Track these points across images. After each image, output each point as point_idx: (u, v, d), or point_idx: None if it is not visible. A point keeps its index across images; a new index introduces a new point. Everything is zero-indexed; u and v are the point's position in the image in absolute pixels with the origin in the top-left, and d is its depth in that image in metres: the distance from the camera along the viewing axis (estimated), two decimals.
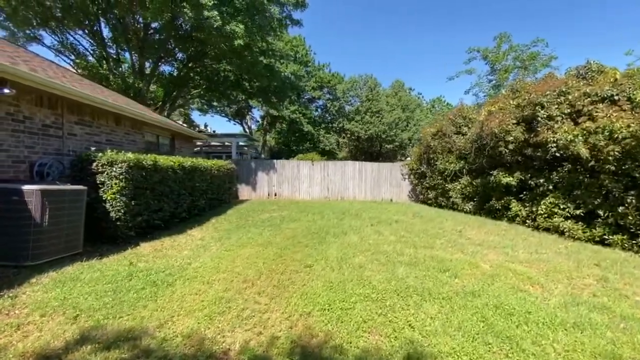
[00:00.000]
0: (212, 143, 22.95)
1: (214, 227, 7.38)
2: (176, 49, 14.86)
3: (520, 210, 8.41)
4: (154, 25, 13.74)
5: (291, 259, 4.92)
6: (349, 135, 35.10)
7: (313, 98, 34.64)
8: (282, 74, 23.77)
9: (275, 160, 15.20)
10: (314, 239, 6.29)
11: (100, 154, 5.32)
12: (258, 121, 38.67)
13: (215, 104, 29.56)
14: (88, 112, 6.53)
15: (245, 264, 4.62)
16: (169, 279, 3.89)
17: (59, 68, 8.35)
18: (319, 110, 36.21)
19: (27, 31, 13.14)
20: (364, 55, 71.63)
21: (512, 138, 8.26)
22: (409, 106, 35.45)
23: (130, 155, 5.58)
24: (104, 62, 14.61)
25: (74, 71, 14.01)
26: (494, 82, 20.48)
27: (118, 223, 5.38)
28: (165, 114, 16.32)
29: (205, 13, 10.40)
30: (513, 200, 8.75)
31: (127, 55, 15.03)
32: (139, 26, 14.21)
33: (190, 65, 16.77)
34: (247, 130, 37.16)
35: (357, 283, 3.91)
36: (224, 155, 21.60)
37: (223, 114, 34.47)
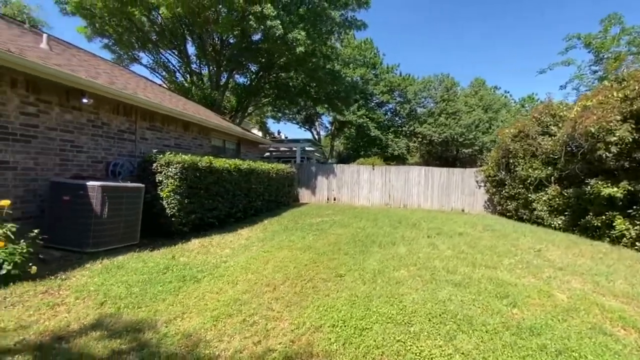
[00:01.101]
0: (281, 148, 24.10)
1: (263, 228, 7.55)
2: (247, 60, 15.97)
3: (627, 229, 6.62)
4: (230, 40, 15.07)
5: (325, 266, 4.66)
6: (420, 139, 33.21)
7: (382, 102, 33.72)
8: (347, 78, 23.76)
9: (334, 165, 15.11)
10: (357, 247, 5.90)
11: (160, 156, 5.88)
12: (327, 127, 39.33)
13: (286, 111, 31.14)
14: (159, 119, 7.35)
15: (275, 267, 4.53)
16: (198, 276, 4.00)
17: (147, 83, 9.69)
18: (388, 113, 35.10)
19: (130, 53, 15.65)
20: (438, 53, 67.19)
21: (615, 139, 6.58)
22: (493, 106, 31.90)
23: (185, 157, 6.05)
24: (188, 76, 16.59)
25: (165, 86, 16.21)
26: (599, 73, 16.97)
27: (173, 219, 5.85)
28: (237, 121, 17.67)
29: (269, 23, 10.92)
30: (618, 216, 6.94)
31: (205, 69, 16.71)
32: (216, 42, 15.75)
33: (260, 75, 17.93)
34: (317, 136, 38.04)
35: (386, 300, 3.44)
36: (292, 160, 22.45)
37: (294, 121, 36.02)
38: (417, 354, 2.46)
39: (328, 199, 14.91)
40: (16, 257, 3.30)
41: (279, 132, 42.98)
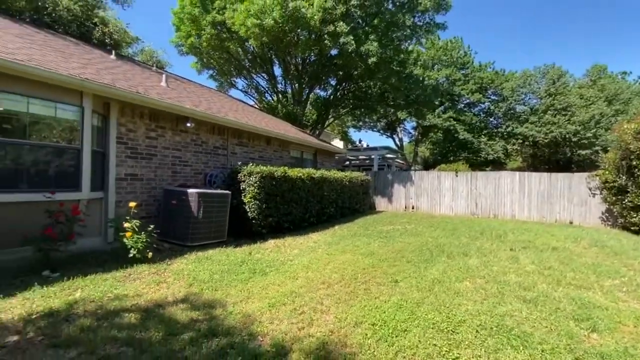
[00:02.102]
0: (360, 156, 24.42)
1: (332, 233, 7.96)
2: (325, 76, 16.95)
3: None
4: (311, 57, 16.28)
5: (382, 271, 4.76)
6: (520, 141, 29.24)
7: (473, 102, 30.97)
8: (430, 81, 22.79)
9: (412, 172, 14.66)
10: (422, 256, 5.78)
11: (244, 167, 6.89)
12: (410, 132, 38.02)
13: (366, 119, 31.42)
14: (245, 136, 8.55)
15: (334, 268, 4.84)
16: (266, 270, 4.61)
17: (240, 105, 11.33)
18: (481, 114, 31.98)
19: (228, 80, 18.32)
20: (541, 43, 57.92)
21: None
22: (620, 96, 26.11)
23: (263, 167, 6.93)
24: (275, 95, 18.47)
25: (256, 106, 18.41)
26: None
27: (253, 221, 6.75)
28: (317, 133, 18.77)
29: (342, 40, 11.51)
30: None
31: (289, 87, 18.33)
32: (298, 62, 17.19)
33: (338, 87, 18.75)
34: (399, 142, 37.15)
35: (435, 308, 3.40)
36: (373, 168, 22.54)
37: (375, 129, 35.96)
38: (449, 359, 2.45)
39: (406, 208, 14.53)
40: (139, 244, 4.43)
41: (360, 141, 43.42)
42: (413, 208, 14.38)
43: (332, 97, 19.02)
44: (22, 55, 4.42)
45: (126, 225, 4.46)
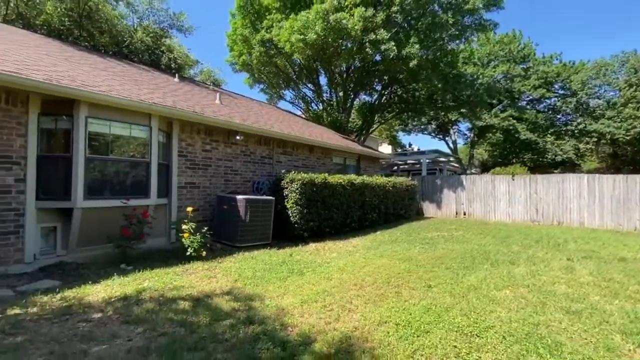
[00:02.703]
0: (409, 161, 23.82)
1: (373, 238, 8.05)
2: (369, 82, 17.07)
3: None
4: (356, 64, 16.57)
5: (417, 276, 4.78)
6: (595, 139, 26.00)
7: (536, 99, 28.38)
8: (485, 79, 21.58)
9: (462, 176, 13.99)
10: (463, 263, 5.63)
11: (287, 175, 7.37)
12: (465, 134, 35.97)
13: (414, 123, 30.59)
14: (290, 145, 9.10)
15: (369, 271, 4.99)
16: (304, 270, 4.94)
17: (287, 116, 12.04)
18: (547, 111, 29.14)
19: (277, 92, 19.39)
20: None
21: None
22: None
23: (304, 174, 7.34)
24: (320, 104, 19.07)
25: (302, 116, 19.18)
26: None
27: (295, 226, 7.18)
28: (362, 138, 18.87)
29: (383, 47, 11.62)
30: None
31: (334, 95, 18.78)
32: (342, 70, 17.58)
33: (383, 92, 18.71)
34: (452, 145, 35.41)
35: (464, 313, 3.40)
36: (422, 172, 21.89)
37: (425, 132, 34.76)
38: (462, 359, 2.50)
39: (457, 214, 13.89)
40: (194, 244, 5.09)
41: (410, 145, 42.23)
42: (464, 214, 13.70)
43: (377, 102, 19.04)
44: (105, 86, 5.42)
45: (184, 227, 5.16)
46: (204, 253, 5.24)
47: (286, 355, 2.53)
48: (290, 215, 7.15)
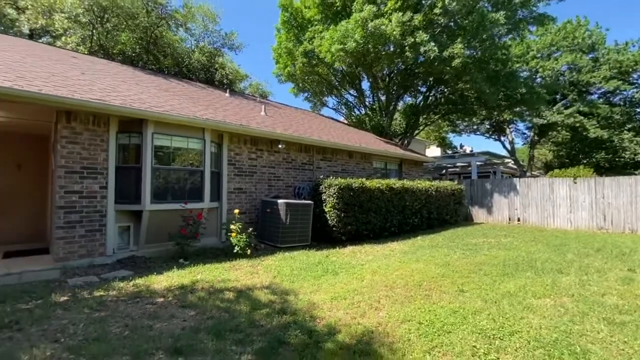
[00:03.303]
0: (458, 164, 22.75)
1: (412, 243, 8.02)
2: (411, 84, 16.83)
3: None
4: (399, 66, 16.47)
5: (451, 281, 4.78)
6: None
7: (609, 91, 25.34)
8: (543, 72, 19.96)
9: (515, 179, 13.10)
10: (504, 269, 5.45)
11: (325, 180, 7.73)
12: (525, 133, 33.23)
13: (464, 123, 29.08)
14: (329, 151, 9.48)
15: (402, 274, 5.10)
16: (338, 270, 5.22)
17: (329, 123, 12.48)
18: (624, 104, 25.83)
19: (320, 100, 19.98)
20: None
21: None
22: None
23: (342, 180, 7.63)
24: (363, 109, 19.23)
25: (345, 121, 19.51)
26: None
27: (334, 229, 7.49)
28: (406, 141, 18.57)
29: (422, 49, 11.49)
30: None
31: (376, 99, 18.79)
32: (384, 74, 17.57)
33: (427, 93, 18.27)
34: (509, 146, 32.99)
35: (491, 318, 3.40)
36: (472, 175, 20.80)
37: (478, 132, 32.82)
38: (477, 357, 2.58)
39: (510, 220, 13.04)
40: (240, 243, 5.67)
41: (461, 146, 40.17)
42: (519, 220, 12.82)
43: (421, 103, 18.63)
44: (168, 106, 6.31)
45: (232, 227, 5.77)
46: (249, 251, 5.80)
47: (311, 342, 2.84)
48: (328, 218, 7.47)
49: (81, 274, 4.70)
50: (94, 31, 12.07)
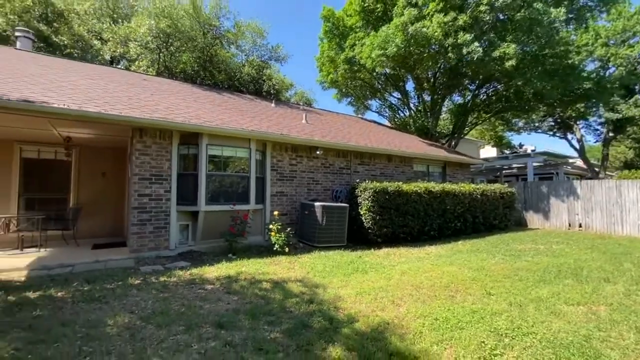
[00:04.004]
0: (514, 165, 21.22)
1: (451, 247, 7.94)
2: (458, 83, 16.27)
3: None
4: (446, 65, 16.08)
5: (481, 285, 4.82)
6: None
7: None
8: (615, 60, 17.90)
9: (576, 182, 12.01)
10: (543, 276, 5.29)
11: (360, 184, 8.06)
12: (597, 129, 29.73)
13: (521, 122, 26.94)
14: (367, 155, 9.76)
15: (431, 276, 5.23)
16: (368, 269, 5.53)
17: (370, 127, 12.76)
18: None
19: (363, 103, 20.21)
20: None
21: None
22: None
23: (377, 183, 7.88)
24: (407, 111, 19.04)
25: (389, 124, 19.48)
26: None
27: (369, 231, 7.77)
28: (454, 142, 17.93)
29: (464, 50, 11.20)
30: None
31: (420, 101, 18.47)
32: (429, 75, 17.23)
33: (477, 92, 17.46)
34: (577, 144, 29.82)
35: (509, 319, 3.47)
36: (528, 177, 19.30)
37: (540, 130, 30.14)
38: (483, 351, 2.75)
39: (570, 226, 12.00)
40: (279, 241, 6.27)
41: (520, 146, 37.21)
42: (580, 227, 11.74)
43: (469, 103, 17.86)
44: (219, 120, 7.20)
45: (271, 227, 6.40)
46: (287, 249, 6.39)
47: (331, 327, 3.25)
48: (364, 221, 7.78)
49: (150, 263, 5.67)
50: (160, 54, 13.88)
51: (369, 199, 7.67)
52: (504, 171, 20.97)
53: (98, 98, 6.39)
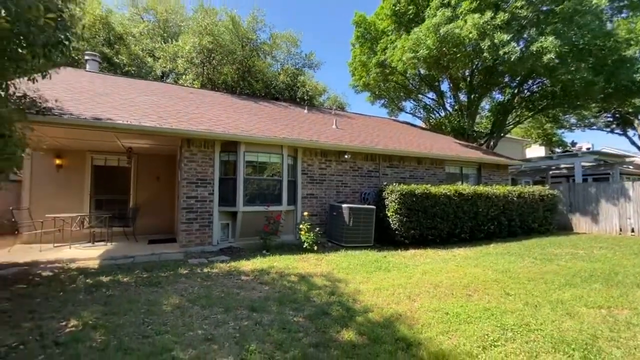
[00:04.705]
0: (562, 165, 19.81)
1: (481, 250, 7.91)
2: (494, 82, 15.71)
3: None
4: (481, 64, 15.64)
5: (502, 286, 4.91)
6: None
7: None
8: None
9: (627, 183, 11.14)
10: (571, 280, 5.22)
11: (387, 186, 8.32)
12: None
13: (574, 118, 24.96)
14: (396, 158, 9.97)
15: (453, 276, 5.40)
16: (390, 268, 5.83)
17: (402, 129, 12.91)
18: None
19: (397, 105, 20.18)
20: None
21: None
22: None
23: (404, 186, 8.09)
24: (442, 111, 18.69)
25: (423, 125, 19.27)
26: None
27: (396, 232, 8.01)
28: (492, 142, 17.28)
29: (501, 51, 10.92)
30: None
31: (455, 101, 18.03)
32: (466, 74, 16.81)
33: (518, 89, 16.69)
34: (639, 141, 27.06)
35: (520, 317, 3.63)
36: (577, 178, 17.95)
37: (594, 127, 27.71)
38: (484, 342, 2.99)
39: (621, 230, 11.16)
40: (308, 240, 6.78)
41: (573, 144, 34.38)
42: (633, 231, 10.87)
43: (509, 101, 17.11)
44: (255, 129, 7.92)
45: (301, 226, 6.93)
46: (316, 247, 6.88)
47: (347, 315, 3.66)
48: (391, 222, 8.03)
49: (196, 257, 6.47)
50: (204, 68, 15.16)
51: (396, 201, 7.91)
52: (551, 172, 19.70)
53: (153, 113, 7.40)
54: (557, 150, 34.49)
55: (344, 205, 7.67)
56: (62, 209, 8.26)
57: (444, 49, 12.50)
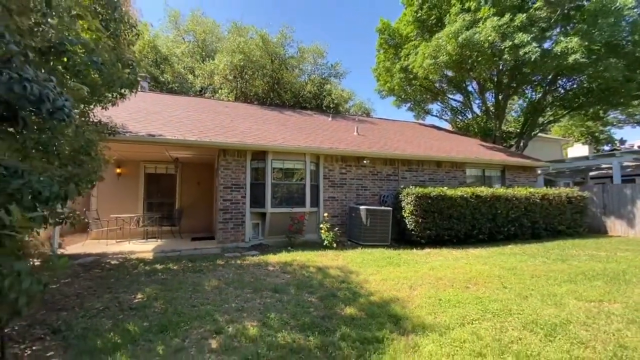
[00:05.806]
0: (603, 165, 18.75)
1: (497, 250, 8.14)
2: (521, 82, 15.48)
3: None
4: (507, 66, 15.53)
5: (504, 281, 5.29)
6: None
7: None
8: None
9: None
10: (575, 278, 5.48)
11: (404, 189, 8.85)
12: None
13: (621, 115, 23.40)
14: (414, 162, 10.44)
15: (458, 272, 5.87)
16: (400, 264, 6.41)
17: (425, 132, 13.29)
18: None
19: (422, 107, 20.34)
20: None
21: None
22: None
23: (420, 189, 8.58)
24: (469, 112, 18.61)
25: (448, 128, 19.27)
26: None
27: (412, 232, 8.51)
28: (522, 143, 16.92)
29: (521, 52, 10.99)
30: None
31: (481, 101, 17.88)
32: (492, 75, 16.70)
33: (549, 87, 16.25)
34: None
35: (505, 305, 4.11)
36: (615, 179, 16.94)
37: None
38: (463, 320, 3.55)
39: None
40: (328, 238, 7.54)
41: (622, 142, 31.96)
42: None
43: (538, 100, 16.68)
44: (281, 139, 8.86)
45: (322, 226, 7.71)
46: (335, 245, 7.62)
47: (352, 297, 4.37)
48: (407, 223, 8.55)
49: (231, 251, 7.48)
50: (237, 83, 16.57)
51: (411, 203, 8.42)
52: (594, 172, 18.76)
53: (194, 128, 8.60)
54: (606, 148, 32.26)
55: (361, 207, 8.33)
56: (121, 210, 9.75)
57: (466, 52, 12.72)
